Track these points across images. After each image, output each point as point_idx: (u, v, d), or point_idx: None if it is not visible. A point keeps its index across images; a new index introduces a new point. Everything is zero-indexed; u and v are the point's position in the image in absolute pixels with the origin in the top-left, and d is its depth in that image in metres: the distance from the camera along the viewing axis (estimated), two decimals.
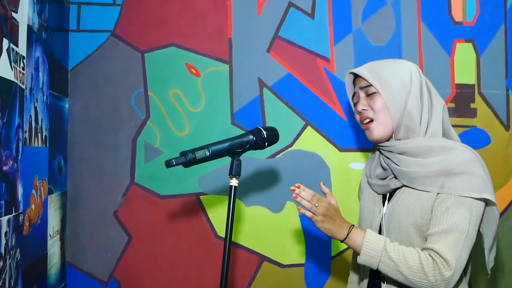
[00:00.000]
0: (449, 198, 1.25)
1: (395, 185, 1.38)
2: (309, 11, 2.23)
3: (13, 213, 1.50)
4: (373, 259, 1.25)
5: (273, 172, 2.22)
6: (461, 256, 1.21)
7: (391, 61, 1.42)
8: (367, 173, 1.54)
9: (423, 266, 1.20)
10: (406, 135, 1.36)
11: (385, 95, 1.34)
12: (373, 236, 1.27)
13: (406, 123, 1.35)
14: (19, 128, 1.55)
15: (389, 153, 1.39)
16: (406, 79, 1.35)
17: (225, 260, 1.24)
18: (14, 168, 1.51)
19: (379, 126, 1.37)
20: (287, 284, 2.22)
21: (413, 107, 1.34)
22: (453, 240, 1.21)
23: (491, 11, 2.23)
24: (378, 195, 1.47)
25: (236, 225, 2.22)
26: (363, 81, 1.39)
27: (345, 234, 1.29)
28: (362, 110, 1.40)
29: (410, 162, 1.32)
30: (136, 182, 2.20)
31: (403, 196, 1.35)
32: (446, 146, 1.31)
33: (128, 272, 2.20)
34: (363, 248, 1.26)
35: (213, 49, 2.22)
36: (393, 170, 1.37)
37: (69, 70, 2.19)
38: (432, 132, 1.36)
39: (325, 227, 1.29)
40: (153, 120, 2.21)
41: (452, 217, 1.23)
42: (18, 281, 1.56)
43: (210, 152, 1.25)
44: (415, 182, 1.31)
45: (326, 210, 1.28)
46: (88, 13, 2.21)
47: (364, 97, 1.40)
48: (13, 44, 1.50)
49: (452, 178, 1.26)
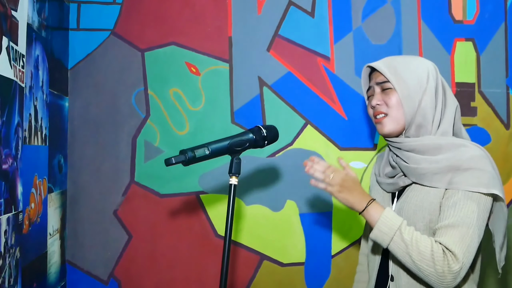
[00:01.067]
0: (457, 193, 1.25)
1: (404, 182, 1.38)
2: (309, 9, 2.23)
3: (13, 211, 1.50)
4: (386, 236, 1.24)
5: (273, 171, 2.22)
6: (468, 250, 1.20)
7: (409, 57, 1.41)
8: (376, 172, 1.54)
9: (434, 254, 1.19)
10: (416, 133, 1.36)
11: (401, 91, 1.34)
12: (391, 214, 1.26)
13: (419, 121, 1.35)
14: (18, 126, 1.55)
15: (397, 150, 1.39)
16: (423, 77, 1.35)
17: (225, 259, 1.24)
18: (14, 166, 1.51)
19: (392, 121, 1.36)
20: (287, 283, 2.22)
21: (427, 106, 1.34)
22: (460, 234, 1.21)
23: (491, 10, 2.23)
24: (387, 194, 1.47)
25: (236, 224, 2.22)
26: (379, 76, 1.39)
27: (364, 206, 1.28)
28: (376, 105, 1.39)
29: (419, 159, 1.32)
30: (136, 181, 2.20)
31: (411, 194, 1.35)
32: (455, 144, 1.31)
33: (128, 271, 2.20)
34: (378, 223, 1.25)
35: (213, 48, 2.22)
36: (402, 167, 1.37)
37: (69, 69, 2.19)
38: (442, 131, 1.36)
39: (342, 197, 1.29)
40: (153, 119, 2.21)
41: (460, 212, 1.23)
42: (18, 279, 1.56)
43: (210, 150, 1.24)
44: (424, 178, 1.31)
45: (342, 181, 1.28)
46: (88, 12, 2.21)
47: (379, 92, 1.39)
48: (13, 42, 1.50)
49: (460, 173, 1.26)
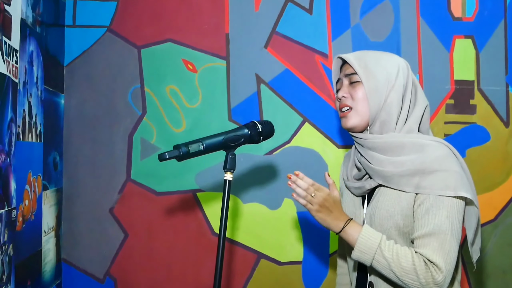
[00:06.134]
0: (428, 198, 1.24)
1: (371, 185, 1.36)
2: (307, 6, 2.21)
3: (6, 208, 1.49)
4: (367, 255, 1.23)
5: (270, 169, 2.20)
6: (449, 257, 1.19)
7: (382, 53, 1.39)
8: (344, 176, 1.52)
9: (416, 268, 1.19)
10: (380, 129, 1.34)
11: (368, 85, 1.32)
12: (369, 233, 1.25)
13: (383, 117, 1.33)
14: (11, 122, 1.54)
15: (361, 147, 1.37)
16: (392, 74, 1.33)
17: (219, 255, 1.22)
18: (7, 162, 1.50)
19: (356, 115, 1.35)
20: (284, 282, 2.20)
21: (393, 102, 1.32)
22: (438, 242, 1.19)
23: (491, 7, 2.21)
24: (357, 198, 1.45)
25: (233, 222, 2.20)
26: (349, 68, 1.37)
27: (341, 227, 1.28)
28: (342, 97, 1.38)
29: (382, 160, 1.30)
30: (132, 179, 2.19)
31: (382, 198, 1.33)
32: (418, 143, 1.29)
33: (124, 269, 2.18)
34: (357, 243, 1.24)
35: (210, 45, 2.21)
36: (367, 168, 1.35)
37: (64, 66, 2.18)
38: (406, 129, 1.34)
39: (319, 217, 1.28)
40: (149, 116, 2.20)
41: (434, 219, 1.22)
42: (11, 277, 1.54)
43: (204, 145, 1.23)
44: (391, 181, 1.29)
45: (323, 201, 1.27)
46: (84, 8, 2.19)
47: (347, 84, 1.38)
48: (6, 37, 1.48)
49: (426, 177, 1.24)
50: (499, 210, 2.19)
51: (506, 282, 2.19)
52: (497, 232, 2.18)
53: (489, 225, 2.18)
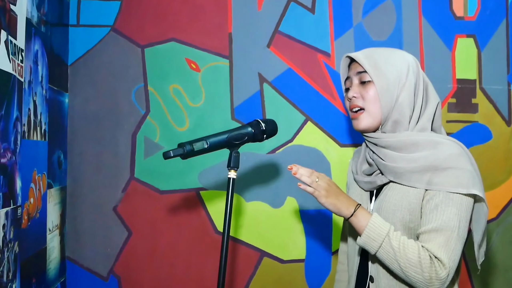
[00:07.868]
0: (438, 194, 1.23)
1: (382, 181, 1.35)
2: (309, 6, 2.22)
3: (11, 205, 1.50)
4: (375, 242, 1.23)
5: (273, 167, 2.21)
6: (453, 254, 1.19)
7: (391, 50, 1.38)
8: (353, 169, 1.52)
9: (421, 261, 1.18)
10: (393, 128, 1.34)
11: (379, 85, 1.31)
12: (379, 220, 1.25)
13: (395, 117, 1.32)
14: (17, 121, 1.55)
15: (374, 146, 1.37)
16: (403, 72, 1.32)
17: (223, 253, 1.23)
18: (12, 160, 1.51)
19: (368, 116, 1.34)
20: (287, 280, 2.21)
21: (404, 102, 1.31)
22: (444, 238, 1.20)
23: (492, 6, 2.22)
24: (365, 192, 1.44)
25: (236, 221, 2.21)
26: (358, 66, 1.36)
27: (351, 211, 1.26)
28: (352, 97, 1.37)
29: (396, 157, 1.30)
30: (136, 177, 2.20)
31: (390, 193, 1.33)
32: (432, 141, 1.29)
33: (128, 267, 2.20)
34: (366, 229, 1.23)
35: (213, 44, 2.22)
36: (379, 165, 1.35)
37: (69, 65, 2.19)
38: (420, 128, 1.34)
39: (330, 202, 1.26)
40: (153, 115, 2.21)
41: (442, 215, 1.22)
42: (17, 274, 1.56)
43: (208, 144, 1.24)
44: (402, 177, 1.29)
45: (328, 186, 1.26)
46: (88, 8, 2.20)
47: (357, 84, 1.37)
48: (12, 36, 1.50)
49: (438, 173, 1.24)
50: (501, 208, 2.20)
51: (508, 280, 2.20)
52: (499, 231, 2.19)
53: (491, 224, 2.19)
